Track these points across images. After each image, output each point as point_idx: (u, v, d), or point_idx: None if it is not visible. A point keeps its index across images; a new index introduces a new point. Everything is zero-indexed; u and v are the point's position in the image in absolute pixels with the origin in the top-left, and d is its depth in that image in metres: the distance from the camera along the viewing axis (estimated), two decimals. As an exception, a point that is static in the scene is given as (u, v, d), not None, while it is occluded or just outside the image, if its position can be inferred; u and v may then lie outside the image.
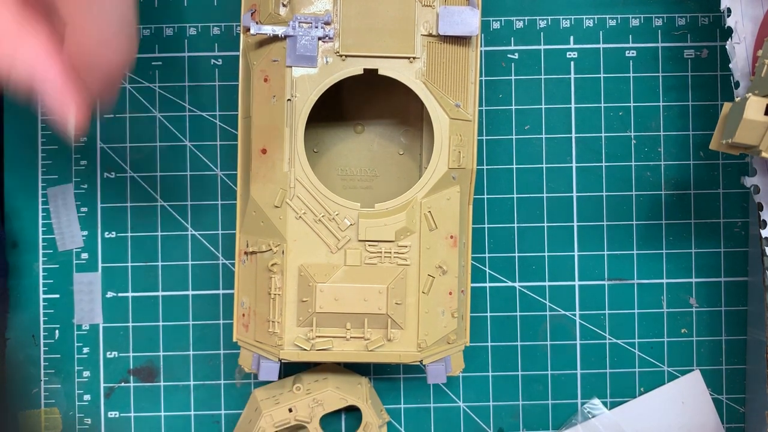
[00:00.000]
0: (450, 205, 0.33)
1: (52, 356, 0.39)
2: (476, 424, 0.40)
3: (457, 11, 0.31)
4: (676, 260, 0.40)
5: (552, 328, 0.40)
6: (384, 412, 0.38)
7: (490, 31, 0.40)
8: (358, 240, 0.32)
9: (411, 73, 0.32)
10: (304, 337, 0.32)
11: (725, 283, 0.40)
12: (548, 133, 0.40)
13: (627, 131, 0.40)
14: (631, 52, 0.40)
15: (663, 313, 0.40)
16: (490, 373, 0.40)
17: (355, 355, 0.32)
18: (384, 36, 0.31)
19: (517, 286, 0.40)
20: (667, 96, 0.40)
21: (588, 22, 0.40)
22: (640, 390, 0.40)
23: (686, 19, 0.40)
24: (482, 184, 0.40)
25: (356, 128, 0.38)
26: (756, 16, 0.34)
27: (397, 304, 0.32)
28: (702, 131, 0.40)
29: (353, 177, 0.38)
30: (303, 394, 0.35)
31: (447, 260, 0.33)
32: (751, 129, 0.28)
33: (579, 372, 0.40)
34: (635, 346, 0.40)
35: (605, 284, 0.40)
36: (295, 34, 0.31)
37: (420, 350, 0.33)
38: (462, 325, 0.35)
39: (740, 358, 0.40)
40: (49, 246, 0.39)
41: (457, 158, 0.33)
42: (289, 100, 0.31)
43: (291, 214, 0.32)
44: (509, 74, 0.40)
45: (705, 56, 0.40)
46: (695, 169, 0.40)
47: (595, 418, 0.40)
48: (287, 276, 0.32)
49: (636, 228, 0.40)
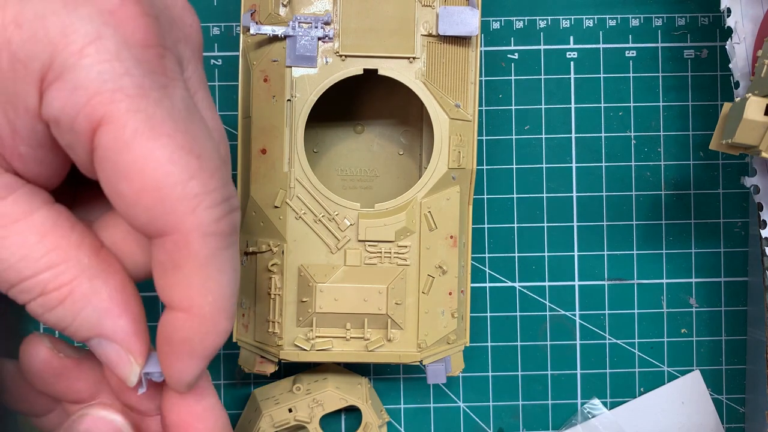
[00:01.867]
0: (450, 205, 0.33)
1: (52, 356, 0.39)
2: (476, 424, 0.40)
3: (456, 11, 0.31)
4: (676, 260, 0.40)
5: (552, 328, 0.40)
6: (384, 412, 0.38)
7: (490, 31, 0.40)
8: (357, 240, 0.32)
9: (411, 73, 0.32)
10: (303, 337, 0.32)
11: (725, 283, 0.40)
12: (548, 133, 0.40)
13: (627, 131, 0.40)
14: (631, 52, 0.40)
15: (663, 313, 0.40)
16: (490, 373, 0.40)
17: (355, 356, 0.32)
18: (384, 36, 0.31)
19: (517, 286, 0.40)
20: (667, 96, 0.40)
21: (588, 22, 0.40)
22: (640, 390, 0.40)
23: (686, 19, 0.40)
24: (482, 184, 0.40)
25: (356, 128, 0.38)
26: (756, 16, 0.34)
27: (396, 304, 0.32)
28: (702, 131, 0.40)
29: (353, 177, 0.38)
30: (303, 394, 0.35)
31: (447, 260, 0.33)
32: (751, 129, 0.28)
33: (579, 372, 0.40)
34: (635, 346, 0.40)
35: (605, 284, 0.40)
36: (295, 35, 0.31)
37: (420, 350, 0.33)
38: (462, 325, 0.35)
39: (740, 358, 0.40)
40: (48, 246, 0.39)
41: (457, 158, 0.33)
42: (289, 100, 0.31)
43: (291, 214, 0.32)
44: (509, 74, 0.40)
45: (705, 56, 0.40)
46: (695, 169, 0.40)
47: (595, 418, 0.40)
48: (287, 276, 0.32)
49: (636, 228, 0.40)
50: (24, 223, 0.19)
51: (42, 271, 0.19)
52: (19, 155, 0.19)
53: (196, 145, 0.18)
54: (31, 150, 0.19)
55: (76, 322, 0.20)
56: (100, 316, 0.20)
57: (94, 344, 0.20)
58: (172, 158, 0.17)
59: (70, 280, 0.19)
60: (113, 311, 0.20)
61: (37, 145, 0.19)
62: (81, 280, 0.19)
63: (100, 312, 0.20)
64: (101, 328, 0.20)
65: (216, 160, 0.19)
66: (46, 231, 0.19)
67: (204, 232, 0.18)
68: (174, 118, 0.18)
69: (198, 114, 0.19)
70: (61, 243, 0.19)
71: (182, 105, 0.18)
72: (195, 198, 0.18)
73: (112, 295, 0.20)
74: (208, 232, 0.18)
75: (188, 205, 0.18)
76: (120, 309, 0.20)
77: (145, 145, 0.17)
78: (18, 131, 0.18)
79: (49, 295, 0.19)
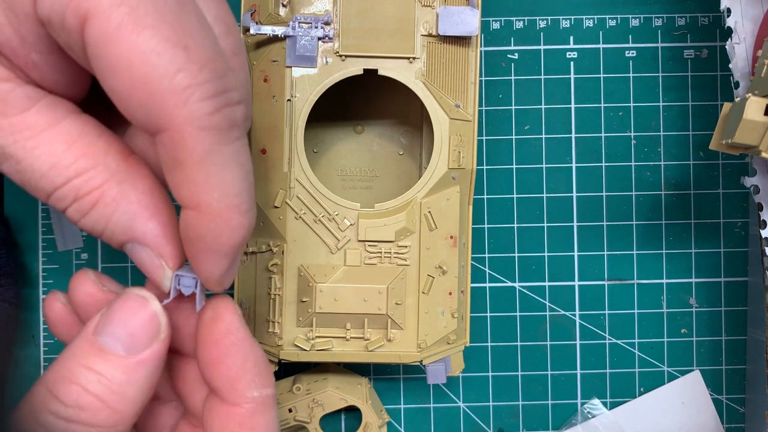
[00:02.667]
0: (450, 205, 0.33)
1: (52, 356, 0.39)
2: (476, 424, 0.40)
3: (456, 11, 0.31)
4: (676, 260, 0.40)
5: (552, 328, 0.40)
6: (384, 412, 0.38)
7: (490, 31, 0.40)
8: (357, 240, 0.32)
9: (411, 74, 0.32)
10: (303, 337, 0.32)
11: (725, 283, 0.40)
12: (548, 133, 0.40)
13: (627, 131, 0.40)
14: (631, 52, 0.40)
15: (663, 313, 0.40)
16: (490, 374, 0.40)
17: (355, 356, 0.32)
18: (384, 36, 0.31)
19: (517, 287, 0.40)
20: (667, 96, 0.40)
21: (588, 22, 0.40)
22: (640, 390, 0.40)
23: (686, 19, 0.40)
24: (482, 184, 0.40)
25: (356, 128, 0.38)
26: (756, 16, 0.34)
27: (396, 304, 0.32)
28: (702, 131, 0.40)
29: (353, 177, 0.38)
30: (303, 394, 0.35)
31: (447, 260, 0.33)
32: (751, 129, 0.28)
33: (579, 372, 0.40)
34: (635, 346, 0.40)
35: (605, 284, 0.40)
36: (295, 35, 0.31)
37: (420, 350, 0.33)
38: (462, 325, 0.35)
39: (740, 358, 0.40)
40: (49, 246, 0.39)
41: (457, 158, 0.33)
42: (289, 101, 0.31)
43: (291, 214, 0.32)
44: (509, 74, 0.40)
45: (705, 56, 0.40)
46: (695, 169, 0.40)
47: (595, 418, 0.40)
48: (287, 276, 0.32)
49: (636, 228, 0.40)
50: (50, 132, 0.19)
51: (72, 177, 0.20)
52: (33, 64, 0.19)
53: (184, 36, 0.18)
54: (41, 56, 0.19)
55: (109, 225, 0.20)
56: (129, 219, 0.20)
57: (129, 249, 0.21)
58: (156, 50, 0.17)
59: (100, 184, 0.20)
60: (142, 214, 0.20)
61: (46, 51, 0.19)
62: (110, 184, 0.20)
63: (129, 215, 0.20)
64: (132, 231, 0.20)
65: (209, 51, 0.18)
66: (73, 139, 0.20)
67: (198, 126, 0.18)
68: (159, 10, 0.17)
69: (191, 4, 0.19)
70: (89, 150, 0.20)
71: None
72: (184, 91, 0.17)
73: (141, 199, 0.20)
74: (202, 126, 0.18)
75: (178, 98, 0.17)
76: (149, 212, 0.20)
77: (129, 39, 0.17)
78: (25, 38, 0.19)
79: (82, 200, 0.20)
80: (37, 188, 0.20)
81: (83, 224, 0.20)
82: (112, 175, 0.20)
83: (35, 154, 0.19)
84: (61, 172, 0.19)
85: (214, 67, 0.18)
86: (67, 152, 0.20)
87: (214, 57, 0.18)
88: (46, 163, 0.19)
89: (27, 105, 0.19)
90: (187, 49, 0.17)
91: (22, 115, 0.19)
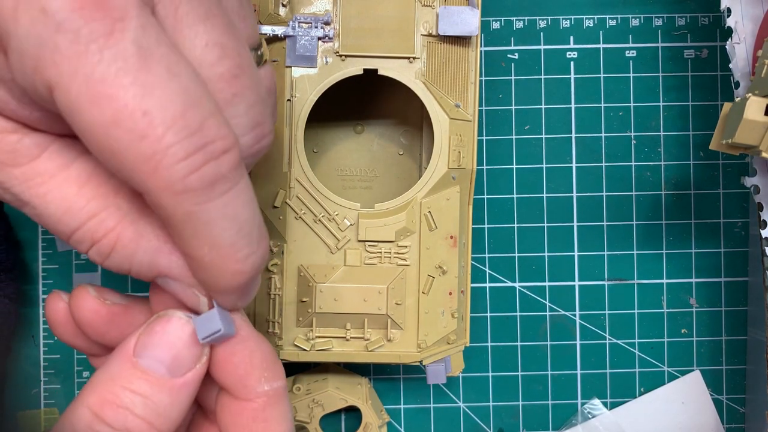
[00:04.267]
0: (450, 205, 0.33)
1: (51, 356, 0.39)
2: (476, 424, 0.40)
3: (456, 11, 0.31)
4: (676, 260, 0.40)
5: (552, 329, 0.40)
6: (384, 412, 0.38)
7: (490, 31, 0.40)
8: (357, 240, 0.32)
9: (411, 73, 0.32)
10: (303, 337, 0.32)
11: (725, 283, 0.40)
12: (548, 133, 0.40)
13: (627, 131, 0.40)
14: (631, 52, 0.40)
15: (663, 313, 0.40)
16: (490, 374, 0.40)
17: (354, 356, 0.32)
18: (384, 36, 0.31)
19: (517, 287, 0.40)
20: (667, 96, 0.40)
21: (588, 22, 0.40)
22: (640, 390, 0.40)
23: (686, 19, 0.40)
24: (482, 184, 0.40)
25: (356, 128, 0.38)
26: (756, 16, 0.34)
27: (396, 304, 0.32)
28: (702, 131, 0.40)
29: (353, 177, 0.38)
30: (303, 394, 0.35)
31: (447, 260, 0.33)
32: (751, 129, 0.28)
33: (579, 372, 0.40)
34: (635, 346, 0.40)
35: (605, 284, 0.40)
36: (295, 35, 0.31)
37: (420, 350, 0.33)
38: (462, 325, 0.35)
39: (740, 358, 0.40)
40: (49, 246, 0.39)
41: (457, 158, 0.32)
42: (289, 100, 0.31)
43: (290, 214, 0.32)
44: (509, 74, 0.40)
45: (705, 56, 0.40)
46: (695, 169, 0.40)
47: (595, 418, 0.40)
48: (287, 276, 0.32)
49: (636, 228, 0.40)
50: (61, 176, 0.19)
51: (85, 220, 0.19)
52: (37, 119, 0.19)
53: (145, 97, 0.16)
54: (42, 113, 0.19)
55: (134, 265, 0.20)
56: (151, 256, 0.20)
57: (162, 283, 0.21)
58: (114, 120, 0.16)
59: (114, 226, 0.19)
60: (163, 249, 0.20)
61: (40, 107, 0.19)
62: (125, 225, 0.20)
63: (150, 253, 0.20)
64: (158, 267, 0.20)
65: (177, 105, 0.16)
66: (83, 182, 0.19)
67: (172, 191, 0.17)
68: (115, 73, 0.16)
69: (160, 51, 0.17)
70: (99, 191, 0.20)
71: (133, 50, 0.16)
72: (152, 158, 0.16)
73: (159, 234, 0.20)
74: (177, 191, 0.17)
75: (147, 166, 0.16)
76: (169, 245, 0.20)
77: (89, 111, 0.16)
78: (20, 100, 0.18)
79: (100, 243, 0.19)
80: (57, 231, 0.19)
81: (108, 266, 0.20)
82: (125, 215, 0.20)
83: (48, 199, 0.19)
84: (74, 215, 0.19)
85: (184, 124, 0.16)
86: (79, 195, 0.19)
87: (184, 110, 0.17)
88: (60, 208, 0.19)
89: (36, 153, 0.19)
90: (147, 114, 0.16)
91: (33, 163, 0.19)
